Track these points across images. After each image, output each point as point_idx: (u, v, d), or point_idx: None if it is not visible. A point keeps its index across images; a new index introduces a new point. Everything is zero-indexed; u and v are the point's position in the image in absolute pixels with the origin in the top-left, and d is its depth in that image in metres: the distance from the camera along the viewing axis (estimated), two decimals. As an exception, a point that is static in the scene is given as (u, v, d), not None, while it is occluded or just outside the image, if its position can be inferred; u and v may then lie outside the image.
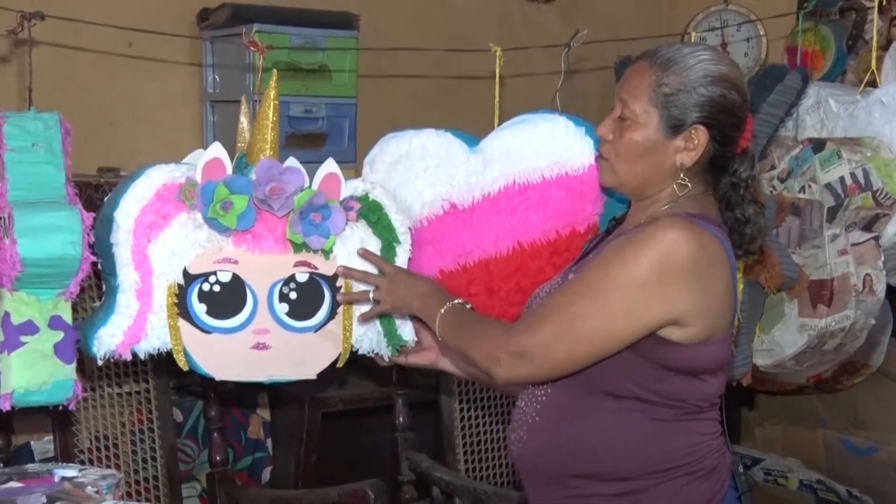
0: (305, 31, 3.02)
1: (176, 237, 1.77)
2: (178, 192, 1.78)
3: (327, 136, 3.12)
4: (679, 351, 1.63)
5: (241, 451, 2.91)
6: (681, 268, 1.60)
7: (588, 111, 3.69)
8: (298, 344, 1.89)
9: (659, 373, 1.64)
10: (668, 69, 1.69)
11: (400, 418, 2.82)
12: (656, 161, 1.70)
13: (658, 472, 1.66)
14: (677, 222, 1.63)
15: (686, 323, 1.62)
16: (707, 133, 1.68)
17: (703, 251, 1.62)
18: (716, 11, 3.45)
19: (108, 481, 1.80)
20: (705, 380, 1.68)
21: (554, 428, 1.70)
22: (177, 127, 3.18)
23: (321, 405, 2.86)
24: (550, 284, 1.82)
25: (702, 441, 1.69)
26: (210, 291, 1.81)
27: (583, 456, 1.67)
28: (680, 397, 1.66)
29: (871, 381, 3.28)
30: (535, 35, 3.15)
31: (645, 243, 1.61)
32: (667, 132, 1.69)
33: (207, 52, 3.12)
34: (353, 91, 3.14)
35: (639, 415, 1.66)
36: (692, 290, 1.61)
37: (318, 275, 1.88)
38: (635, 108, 1.70)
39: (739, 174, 1.73)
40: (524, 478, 1.79)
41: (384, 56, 3.19)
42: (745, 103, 1.71)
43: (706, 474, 1.68)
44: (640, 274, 1.60)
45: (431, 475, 2.69)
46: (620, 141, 1.72)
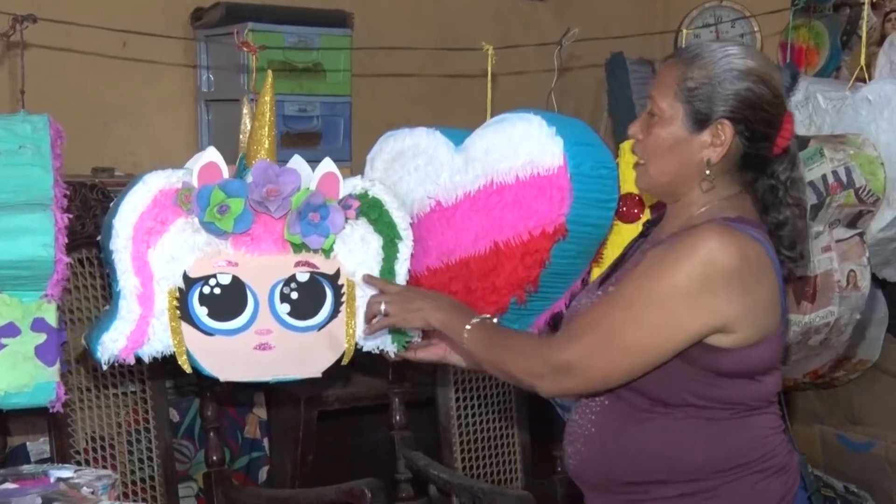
0: (299, 29, 3.02)
1: (175, 242, 1.78)
2: (175, 197, 1.78)
3: (322, 134, 3.12)
4: (729, 356, 1.62)
5: (237, 450, 2.91)
6: (721, 276, 1.58)
7: (582, 109, 3.73)
8: (302, 343, 1.89)
9: (711, 379, 1.63)
10: (694, 64, 1.67)
11: (396, 417, 2.82)
12: (683, 157, 1.68)
13: (726, 470, 1.64)
14: (715, 229, 1.61)
15: (732, 329, 1.60)
16: (733, 128, 1.66)
17: (742, 257, 1.60)
18: (710, 8, 3.46)
19: (104, 482, 1.80)
20: (760, 380, 1.66)
21: (611, 438, 1.69)
22: (171, 127, 3.18)
23: (317, 404, 2.86)
24: (588, 293, 1.80)
25: (767, 435, 1.68)
26: (211, 294, 1.82)
27: (644, 463, 1.66)
28: (735, 400, 1.65)
29: (867, 377, 3.28)
30: (530, 33, 3.15)
31: (684, 254, 1.59)
32: (692, 127, 1.67)
33: (201, 52, 3.12)
34: (348, 90, 3.15)
35: (696, 420, 1.64)
36: (734, 297, 1.59)
37: (319, 274, 1.89)
38: (662, 105, 1.69)
39: (778, 175, 1.70)
40: (584, 489, 1.78)
41: (378, 54, 3.19)
42: (777, 99, 1.68)
43: (777, 472, 1.67)
44: (680, 285, 1.58)
45: (428, 473, 2.69)
46: (648, 138, 1.71)
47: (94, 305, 2.44)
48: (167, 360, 1.85)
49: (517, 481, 3.01)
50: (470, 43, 2.22)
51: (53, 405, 1.83)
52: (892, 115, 2.20)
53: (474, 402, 2.96)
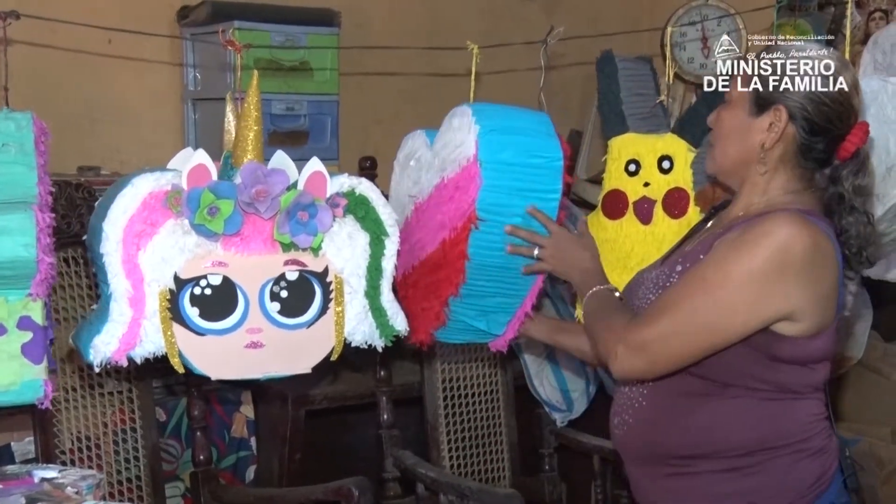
0: (286, 28, 3.00)
1: (165, 244, 1.78)
2: (165, 199, 1.77)
3: (309, 133, 3.10)
4: (790, 344, 1.67)
5: (224, 449, 2.89)
6: (796, 264, 1.63)
7: (570, 106, 3.72)
8: (292, 340, 1.90)
9: (768, 363, 1.68)
10: (769, 53, 1.76)
11: (384, 415, 2.81)
12: (743, 140, 1.75)
13: (768, 448, 1.71)
14: (791, 218, 1.65)
15: (798, 318, 1.66)
16: (788, 114, 1.71)
17: (816, 248, 1.64)
18: (696, 6, 3.46)
19: (89, 482, 1.78)
20: (813, 368, 1.72)
21: (661, 413, 1.75)
22: (158, 125, 3.16)
23: (305, 403, 2.84)
24: (656, 272, 1.83)
25: (811, 421, 1.74)
26: (202, 295, 1.82)
27: (693, 438, 1.72)
28: (787, 385, 1.71)
29: (852, 374, 3.29)
30: (519, 30, 3.13)
31: (761, 239, 1.63)
32: (754, 110, 1.74)
33: (188, 50, 3.10)
34: (335, 88, 3.13)
35: (748, 400, 1.70)
36: (805, 286, 1.64)
37: (308, 272, 1.89)
38: (734, 92, 1.77)
39: (842, 181, 1.74)
40: (626, 459, 1.84)
41: (366, 53, 3.17)
42: (843, 97, 1.72)
43: (814, 454, 1.73)
44: (757, 269, 1.63)
45: (416, 472, 2.68)
46: (718, 123, 1.80)
47: (80, 304, 2.41)
48: (156, 359, 1.84)
49: (505, 479, 3.00)
50: (458, 41, 2.21)
51: (42, 402, 1.82)
52: (878, 111, 2.19)
53: (462, 400, 2.95)
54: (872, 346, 3.26)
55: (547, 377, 2.99)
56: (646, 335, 1.68)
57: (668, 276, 1.77)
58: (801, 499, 1.72)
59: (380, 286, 1.95)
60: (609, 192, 2.26)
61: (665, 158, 2.25)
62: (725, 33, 3.45)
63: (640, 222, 2.24)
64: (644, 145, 2.26)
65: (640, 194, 2.24)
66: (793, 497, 1.72)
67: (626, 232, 2.24)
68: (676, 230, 2.22)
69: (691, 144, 2.24)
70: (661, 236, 2.22)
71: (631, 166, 2.25)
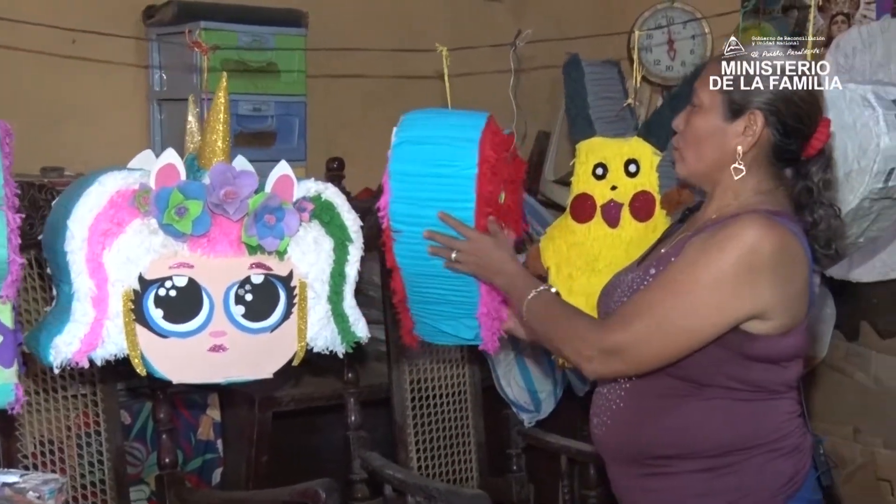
0: (253, 29, 2.98)
1: (131, 244, 1.75)
2: (133, 198, 1.75)
3: (276, 134, 3.08)
4: (761, 342, 1.69)
5: (190, 452, 2.87)
6: (764, 265, 1.65)
7: (538, 108, 3.73)
8: (255, 344, 1.89)
9: (741, 362, 1.70)
10: (737, 60, 1.76)
11: (352, 417, 2.80)
12: (718, 145, 1.77)
13: (743, 448, 1.73)
14: (759, 219, 1.67)
15: (768, 317, 1.68)
16: (764, 119, 1.73)
17: (784, 248, 1.67)
18: (662, 10, 3.48)
19: (51, 486, 1.75)
20: (786, 366, 1.75)
21: (639, 414, 1.77)
22: (123, 126, 3.12)
23: (272, 405, 2.82)
24: (626, 272, 1.85)
25: (784, 420, 1.76)
26: (166, 296, 1.80)
27: (671, 439, 1.74)
28: (761, 383, 1.73)
29: (815, 373, 3.32)
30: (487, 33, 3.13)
31: (730, 241, 1.66)
32: (727, 116, 1.76)
33: (153, 51, 3.07)
34: (303, 89, 3.11)
35: (723, 400, 1.72)
36: (775, 286, 1.66)
37: (272, 276, 1.88)
38: (702, 97, 1.78)
39: (812, 176, 1.77)
40: (607, 459, 1.86)
41: (334, 54, 3.15)
42: (811, 97, 1.75)
43: (789, 452, 1.75)
44: (727, 272, 1.64)
45: (383, 473, 2.67)
46: (687, 128, 1.80)
47: (42, 307, 2.38)
48: (119, 361, 1.82)
49: (473, 480, 3.00)
50: (426, 43, 2.20)
51: (13, 407, 1.78)
52: (836, 117, 2.20)
53: (430, 401, 2.95)
54: (835, 346, 3.30)
55: (515, 378, 2.99)
56: (619, 339, 1.69)
57: (643, 279, 1.78)
58: (776, 497, 1.74)
59: (343, 292, 1.95)
60: (577, 195, 2.27)
61: (631, 162, 2.26)
62: (692, 37, 3.48)
63: (608, 225, 2.24)
64: (611, 149, 2.27)
65: (608, 198, 2.25)
66: (768, 495, 1.74)
67: (593, 235, 2.24)
68: (643, 233, 2.22)
69: (657, 148, 2.25)
70: (629, 239, 2.23)
71: (598, 170, 2.26)
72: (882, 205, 2.23)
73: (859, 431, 3.28)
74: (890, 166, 2.14)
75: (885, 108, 2.14)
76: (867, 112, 2.14)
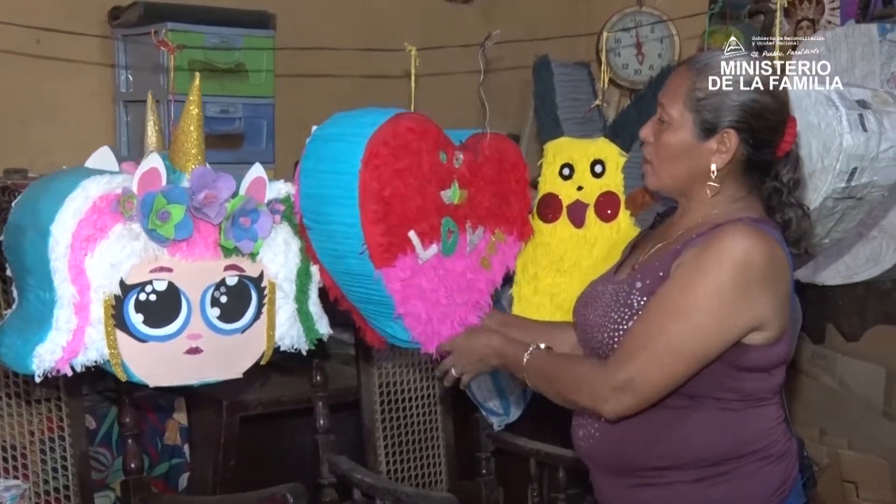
0: (221, 30, 2.96)
1: (113, 249, 1.73)
2: (115, 203, 1.73)
3: (244, 136, 3.06)
4: (755, 353, 1.69)
5: (157, 457, 2.84)
6: (758, 276, 1.65)
7: (507, 110, 3.73)
8: (227, 345, 1.89)
9: (734, 373, 1.70)
10: (703, 74, 1.74)
11: (320, 420, 2.78)
12: (692, 163, 1.75)
13: (735, 457, 1.72)
14: (746, 230, 1.67)
15: (765, 328, 1.68)
16: (738, 137, 1.72)
17: (772, 256, 1.67)
18: (630, 13, 3.50)
19: (13, 492, 1.73)
20: (773, 373, 1.75)
21: (630, 426, 1.74)
22: (89, 127, 3.09)
23: (239, 408, 2.80)
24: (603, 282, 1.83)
25: (772, 426, 1.76)
26: (146, 301, 1.78)
27: (662, 451, 1.73)
28: (750, 392, 1.72)
29: (783, 376, 3.34)
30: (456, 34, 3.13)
31: (722, 257, 1.65)
32: (700, 135, 1.74)
33: (119, 51, 3.04)
34: (271, 91, 3.10)
35: (714, 410, 1.71)
36: (768, 295, 1.66)
37: (246, 277, 1.88)
38: (672, 112, 1.76)
39: (781, 177, 1.77)
40: (595, 470, 1.84)
41: (302, 55, 3.14)
42: (780, 106, 1.75)
43: (778, 458, 1.75)
44: (725, 289, 1.64)
45: (352, 477, 2.65)
46: (659, 143, 1.78)
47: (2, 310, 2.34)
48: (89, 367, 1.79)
49: (442, 484, 2.99)
50: (395, 44, 2.19)
51: None
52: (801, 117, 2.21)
53: (399, 404, 2.94)
54: (801, 349, 3.32)
55: (484, 381, 2.99)
56: (629, 372, 1.67)
57: (629, 292, 1.75)
58: None
59: (308, 291, 1.95)
60: (544, 195, 2.27)
61: (597, 162, 2.26)
62: (660, 39, 3.50)
63: (573, 226, 2.24)
64: (577, 149, 2.27)
65: (574, 198, 2.25)
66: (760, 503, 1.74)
67: (559, 235, 2.24)
68: (608, 234, 2.23)
69: (622, 149, 2.25)
70: (593, 240, 2.23)
71: (565, 170, 2.26)
72: (846, 205, 2.24)
73: (825, 433, 3.31)
74: (852, 166, 2.15)
75: (848, 107, 2.16)
76: (831, 111, 2.15)
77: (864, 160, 2.15)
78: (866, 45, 2.70)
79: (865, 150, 2.14)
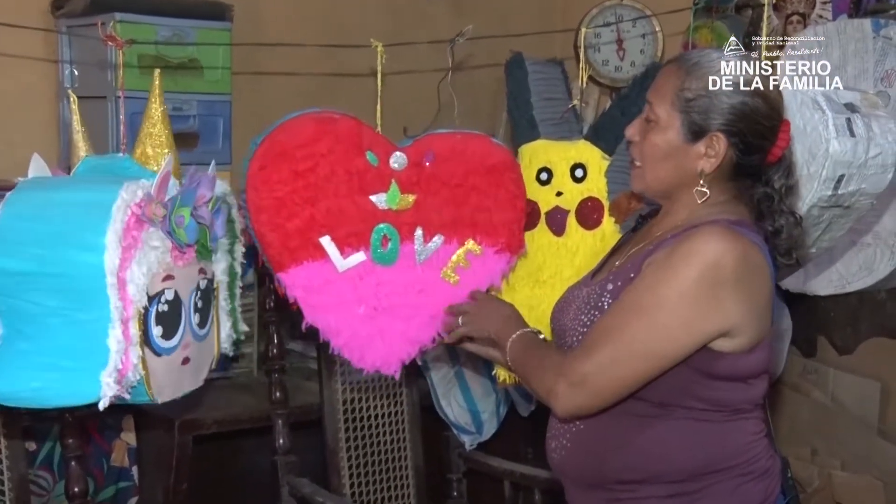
0: (173, 22, 2.93)
1: (146, 259, 1.75)
2: (144, 209, 1.74)
3: (199, 135, 3.05)
4: (727, 360, 1.71)
5: (102, 480, 2.83)
6: (728, 279, 1.67)
7: (480, 108, 3.74)
8: (200, 352, 1.92)
9: (706, 381, 1.72)
10: (693, 74, 1.76)
11: (280, 440, 2.77)
12: (678, 166, 1.78)
13: (712, 472, 1.74)
14: (719, 232, 1.69)
15: (735, 334, 1.70)
16: (727, 141, 1.74)
17: (746, 260, 1.69)
18: (610, 7, 3.51)
19: (-55, 521, 1.71)
20: (751, 384, 1.76)
21: (600, 437, 1.76)
22: (30, 124, 3.07)
23: (193, 427, 2.78)
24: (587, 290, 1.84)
25: (752, 441, 1.78)
26: (163, 312, 1.80)
27: (634, 462, 1.74)
28: (726, 402, 1.74)
29: (771, 392, 3.36)
30: (426, 29, 3.14)
31: (691, 258, 1.67)
32: (688, 137, 1.76)
33: (63, 45, 3.02)
34: (228, 87, 3.08)
35: (688, 421, 1.73)
36: (740, 300, 1.68)
37: (209, 280, 1.92)
38: (659, 112, 1.78)
39: (773, 183, 1.79)
40: (567, 483, 1.86)
41: (261, 50, 3.13)
42: (773, 111, 1.77)
43: (759, 476, 1.77)
44: (691, 289, 1.66)
45: (314, 501, 2.65)
46: (645, 143, 1.80)
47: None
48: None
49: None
50: (360, 39, 2.20)
51: None
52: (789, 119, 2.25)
53: (365, 422, 2.94)
54: (791, 363, 3.35)
55: (455, 397, 2.99)
56: (586, 368, 1.69)
57: (600, 294, 1.79)
58: None
59: (235, 289, 2.01)
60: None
61: (578, 166, 2.28)
62: (642, 35, 3.52)
63: (553, 233, 2.25)
64: (556, 153, 2.28)
65: (553, 204, 2.26)
66: None
67: (537, 244, 2.25)
68: (591, 242, 2.24)
69: (605, 152, 2.26)
70: (575, 248, 2.24)
71: (542, 175, 2.27)
72: (832, 213, 2.26)
73: (816, 453, 3.33)
74: (839, 173, 2.17)
75: (835, 111, 2.18)
76: (817, 115, 2.17)
77: (852, 167, 2.17)
78: (859, 41, 2.73)
79: (853, 157, 2.16)
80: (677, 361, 1.69)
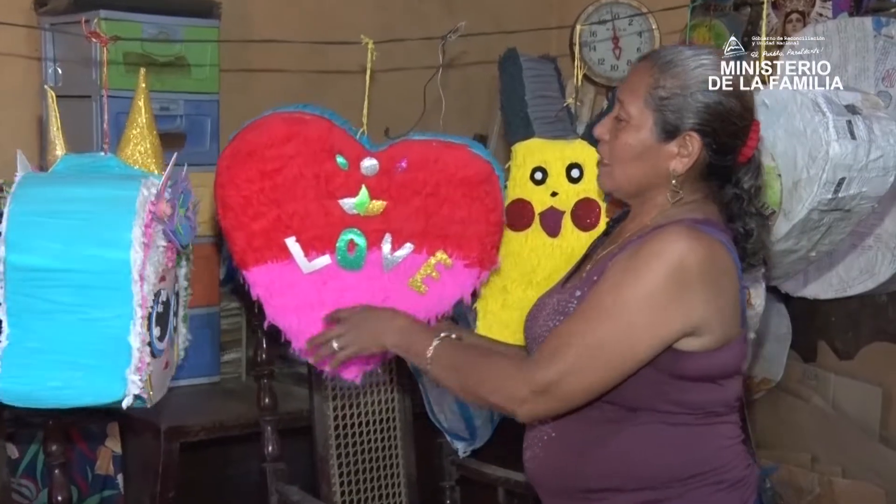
0: (160, 19, 2.93)
1: (157, 257, 1.77)
2: (157, 207, 1.75)
3: (186, 135, 3.04)
4: (695, 360, 1.71)
5: (87, 489, 2.82)
6: (693, 279, 1.67)
7: (473, 108, 3.74)
8: (171, 357, 1.95)
9: (676, 383, 1.72)
10: (667, 72, 1.75)
11: (269, 447, 2.77)
12: (650, 165, 1.77)
13: (684, 479, 1.73)
14: (683, 231, 1.68)
15: (702, 333, 1.70)
16: (701, 141, 1.74)
17: (711, 259, 1.69)
18: (606, 4, 3.51)
19: (-76, 530, 1.70)
20: (723, 384, 1.76)
21: (570, 444, 1.77)
22: (13, 123, 3.07)
23: (179, 434, 2.77)
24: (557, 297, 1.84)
25: (726, 446, 1.77)
26: (159, 314, 1.81)
27: (605, 469, 1.74)
28: (698, 404, 1.74)
29: (771, 398, 3.36)
30: (417, 26, 3.15)
31: (655, 258, 1.67)
32: (661, 136, 1.76)
33: (47, 42, 3.01)
34: (215, 86, 3.08)
35: (659, 424, 1.73)
36: (706, 299, 1.68)
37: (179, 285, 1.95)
38: (631, 110, 1.77)
39: (742, 184, 1.80)
40: (541, 493, 1.86)
41: (250, 48, 3.13)
42: (746, 111, 1.77)
43: (733, 485, 1.76)
44: (656, 290, 1.66)
45: (303, 509, 2.64)
46: (615, 142, 1.79)
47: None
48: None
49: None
50: (350, 36, 2.20)
51: None
52: (787, 122, 2.24)
53: (355, 429, 2.93)
54: (791, 368, 3.34)
55: (448, 404, 2.98)
56: (551, 374, 1.69)
57: (568, 301, 1.79)
58: None
59: (187, 297, 2.03)
60: (513, 201, 2.27)
61: (574, 166, 2.27)
62: (638, 33, 3.52)
63: (547, 234, 2.25)
64: (552, 152, 2.27)
65: (548, 204, 2.26)
66: None
67: (531, 245, 2.25)
68: (586, 243, 2.23)
69: (602, 152, 2.26)
70: (570, 250, 2.24)
71: (537, 174, 2.27)
72: (833, 217, 2.26)
73: (817, 460, 3.33)
74: (840, 176, 2.17)
75: (835, 113, 2.18)
76: (817, 117, 2.17)
77: (853, 170, 2.17)
78: (860, 40, 2.74)
79: (854, 160, 2.16)
80: (644, 363, 1.69)
